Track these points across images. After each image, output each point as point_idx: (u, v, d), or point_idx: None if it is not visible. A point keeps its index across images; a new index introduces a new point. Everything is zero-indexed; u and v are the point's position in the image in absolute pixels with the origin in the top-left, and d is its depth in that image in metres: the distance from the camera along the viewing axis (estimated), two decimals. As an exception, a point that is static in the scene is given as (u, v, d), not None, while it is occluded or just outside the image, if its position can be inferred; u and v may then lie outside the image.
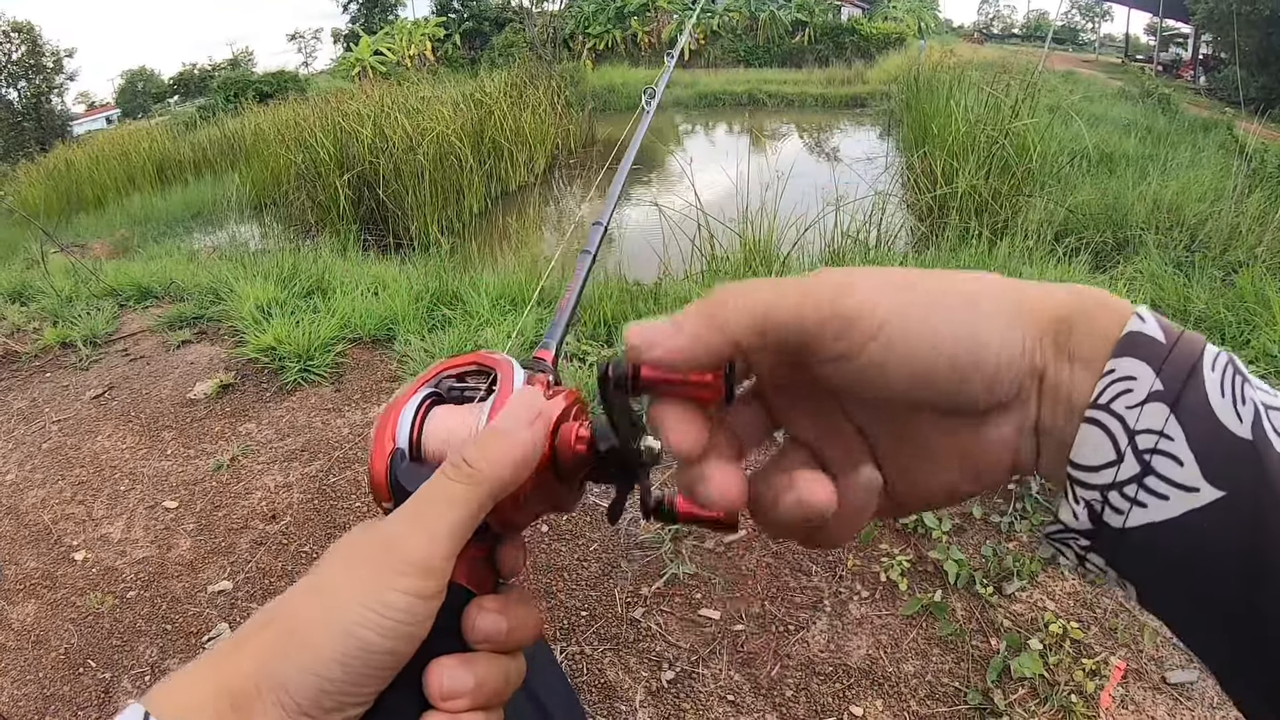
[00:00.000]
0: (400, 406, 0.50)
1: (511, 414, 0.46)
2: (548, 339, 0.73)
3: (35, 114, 35.42)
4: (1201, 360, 0.34)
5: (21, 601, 2.91)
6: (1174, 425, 0.33)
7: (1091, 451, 0.35)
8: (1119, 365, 0.35)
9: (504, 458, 0.43)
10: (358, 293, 5.15)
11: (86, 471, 3.69)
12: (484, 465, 0.43)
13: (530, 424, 0.45)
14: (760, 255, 5.26)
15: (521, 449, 0.44)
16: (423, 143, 9.81)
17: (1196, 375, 0.34)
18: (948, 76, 10.60)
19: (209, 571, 2.95)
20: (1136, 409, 0.34)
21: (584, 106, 16.61)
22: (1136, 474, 0.34)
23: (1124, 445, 0.34)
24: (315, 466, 3.49)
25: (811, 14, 33.89)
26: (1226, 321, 3.76)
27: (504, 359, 0.53)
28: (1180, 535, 0.33)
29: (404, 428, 0.49)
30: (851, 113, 19.53)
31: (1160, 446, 0.33)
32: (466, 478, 0.42)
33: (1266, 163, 7.41)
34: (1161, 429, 0.33)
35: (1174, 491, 0.33)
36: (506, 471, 0.43)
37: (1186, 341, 0.35)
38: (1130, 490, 0.34)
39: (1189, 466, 0.33)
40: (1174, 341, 0.35)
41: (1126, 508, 0.34)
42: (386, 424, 0.49)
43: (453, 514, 0.42)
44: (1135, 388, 0.34)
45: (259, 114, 17.44)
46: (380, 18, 42.86)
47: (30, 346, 5.11)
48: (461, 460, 0.43)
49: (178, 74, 49.22)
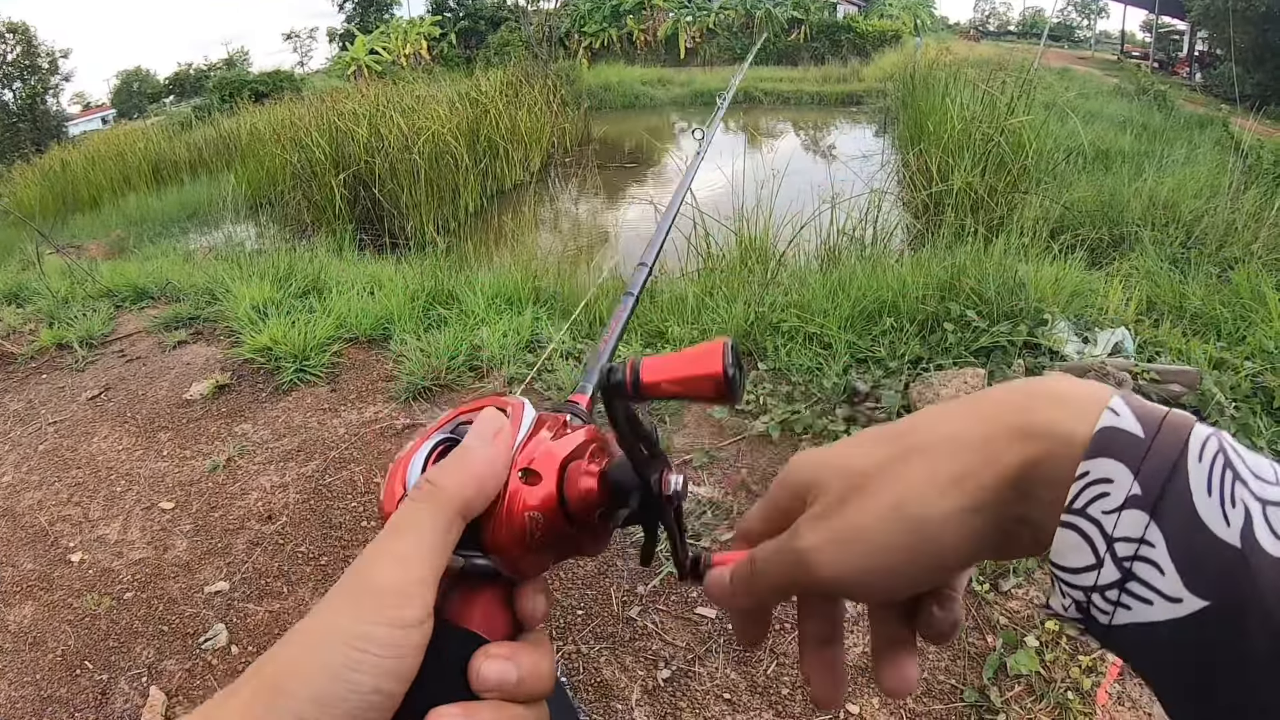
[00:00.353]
0: (413, 453, 0.49)
1: (474, 432, 0.46)
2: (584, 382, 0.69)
3: (30, 115, 35.37)
4: (1186, 454, 0.32)
5: (18, 603, 2.90)
6: (1154, 531, 0.32)
7: (1071, 554, 0.34)
8: (1093, 467, 0.34)
9: (464, 475, 0.43)
10: (353, 292, 5.15)
11: (83, 473, 3.68)
12: (446, 484, 0.42)
13: (490, 440, 0.45)
14: (756, 253, 5.26)
15: (481, 463, 0.44)
16: (418, 142, 9.79)
17: (1179, 474, 0.32)
18: (943, 74, 10.59)
19: (205, 572, 2.95)
20: (1114, 514, 0.33)
21: (580, 105, 16.59)
22: (1117, 580, 0.33)
23: (1103, 551, 0.33)
24: (311, 466, 3.49)
25: (807, 12, 33.88)
26: (1222, 318, 3.77)
27: (517, 401, 0.51)
28: (1166, 636, 0.32)
29: (415, 473, 0.47)
30: (847, 110, 19.51)
31: (1141, 553, 0.32)
32: (428, 497, 0.42)
33: (1262, 159, 7.41)
34: (1141, 536, 0.32)
35: (1156, 598, 0.32)
36: (469, 489, 0.42)
37: (1170, 432, 0.33)
38: (1112, 595, 0.33)
39: (1170, 576, 0.32)
40: (1153, 435, 0.33)
41: (1110, 610, 0.34)
42: (398, 471, 0.48)
43: (419, 536, 0.41)
44: (1112, 491, 0.33)
45: (254, 114, 17.40)
46: (376, 17, 42.81)
47: (26, 348, 5.10)
48: (424, 481, 0.43)
49: (173, 74, 49.17)
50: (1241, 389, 3.14)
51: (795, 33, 33.52)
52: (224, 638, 2.63)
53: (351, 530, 3.07)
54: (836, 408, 3.39)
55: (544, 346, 4.26)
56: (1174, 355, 3.49)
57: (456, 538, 0.42)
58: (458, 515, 0.42)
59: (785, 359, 3.80)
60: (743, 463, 3.22)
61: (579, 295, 4.79)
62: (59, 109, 39.27)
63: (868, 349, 3.75)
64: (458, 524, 0.42)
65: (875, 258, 4.97)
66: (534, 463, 0.46)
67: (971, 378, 3.26)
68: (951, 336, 3.59)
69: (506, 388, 3.87)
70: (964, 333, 3.62)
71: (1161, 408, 0.35)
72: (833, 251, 5.40)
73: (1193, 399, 3.10)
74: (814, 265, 5.15)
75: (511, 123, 12.34)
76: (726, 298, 4.39)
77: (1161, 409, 0.35)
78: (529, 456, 0.47)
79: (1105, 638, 0.35)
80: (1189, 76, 22.66)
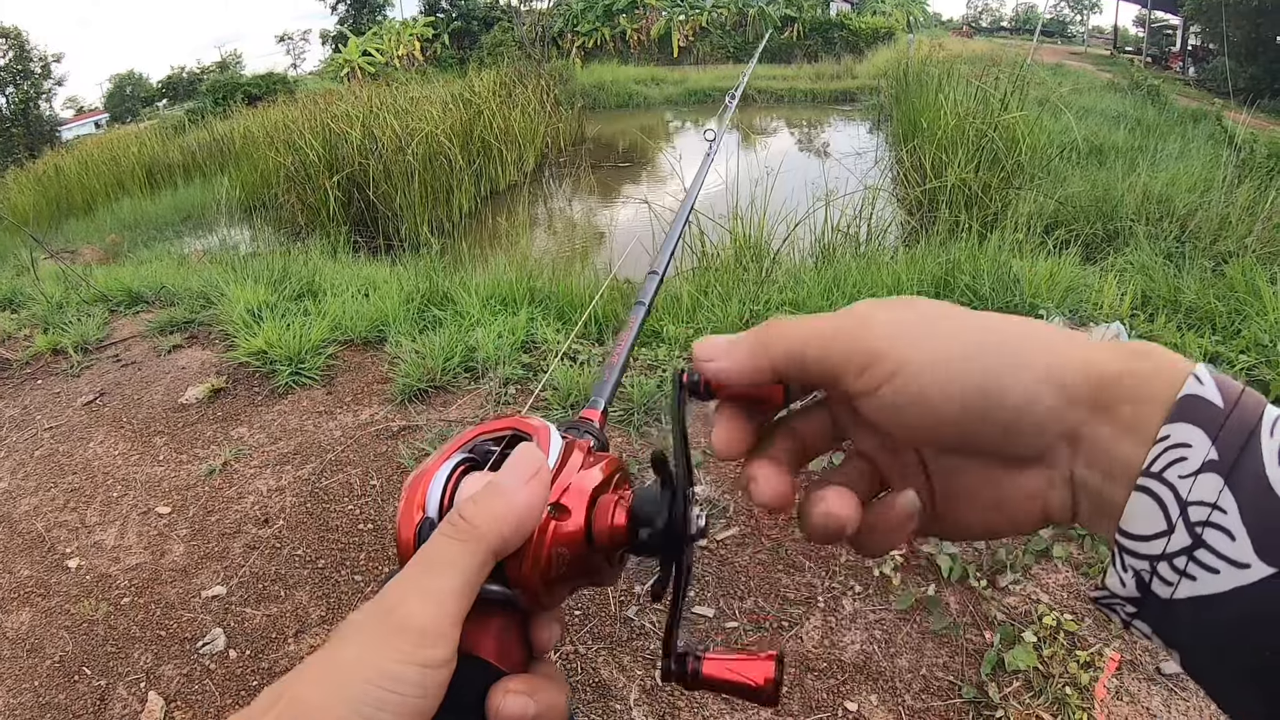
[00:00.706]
0: (431, 473, 0.47)
1: (511, 469, 0.44)
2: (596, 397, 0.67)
3: (24, 119, 35.27)
4: (1260, 426, 0.33)
5: (15, 610, 2.90)
6: (1227, 497, 0.32)
7: (1142, 521, 0.34)
8: (1173, 431, 0.33)
9: (502, 514, 0.41)
10: (348, 295, 5.15)
11: (79, 478, 3.68)
12: (481, 522, 0.41)
13: (529, 480, 0.43)
14: (751, 251, 5.26)
15: (521, 505, 0.42)
16: (412, 143, 9.79)
17: (1254, 444, 0.32)
18: (936, 70, 10.60)
19: (203, 577, 2.94)
20: (1190, 479, 0.33)
21: (574, 105, 16.59)
22: (1187, 546, 0.33)
23: (1175, 516, 0.33)
24: (308, 470, 3.49)
25: (800, 9, 33.90)
26: (1217, 312, 3.78)
27: (541, 424, 0.50)
28: (1228, 609, 0.32)
29: (434, 495, 0.46)
30: (841, 108, 19.54)
31: (1213, 519, 0.32)
32: (465, 535, 0.40)
33: (1256, 153, 7.42)
34: (1215, 501, 0.32)
35: (1224, 566, 0.32)
36: (506, 528, 0.41)
37: (1245, 404, 0.33)
38: (1180, 563, 0.33)
39: (1241, 541, 0.31)
40: (1232, 405, 0.33)
41: (1175, 579, 0.33)
42: (416, 491, 0.47)
43: (453, 575, 0.39)
44: (1190, 455, 0.33)
45: (248, 116, 17.41)
46: (369, 18, 42.74)
47: (21, 354, 5.09)
48: (459, 518, 0.41)
49: (166, 77, 49.09)
50: (1237, 383, 3.14)
51: (788, 30, 33.54)
52: (222, 642, 2.63)
53: (348, 533, 3.07)
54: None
55: (539, 347, 4.26)
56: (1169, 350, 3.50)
57: (486, 575, 0.41)
58: (492, 554, 0.41)
59: (781, 357, 3.79)
60: (739, 463, 3.21)
61: (574, 295, 4.79)
62: (52, 113, 39.15)
63: (863, 346, 3.75)
64: (490, 563, 0.41)
65: (870, 255, 4.98)
66: (565, 496, 0.46)
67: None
68: (946, 333, 3.59)
69: (503, 388, 3.87)
70: (959, 329, 3.61)
71: (1238, 384, 0.35)
72: (827, 249, 5.41)
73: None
74: (809, 263, 5.16)
75: (505, 123, 12.34)
76: (721, 296, 4.39)
77: (1238, 385, 0.35)
78: (559, 490, 0.46)
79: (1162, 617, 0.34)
80: (1182, 71, 22.72)
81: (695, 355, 0.44)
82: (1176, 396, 0.34)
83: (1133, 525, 0.34)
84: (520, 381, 3.95)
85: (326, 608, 2.72)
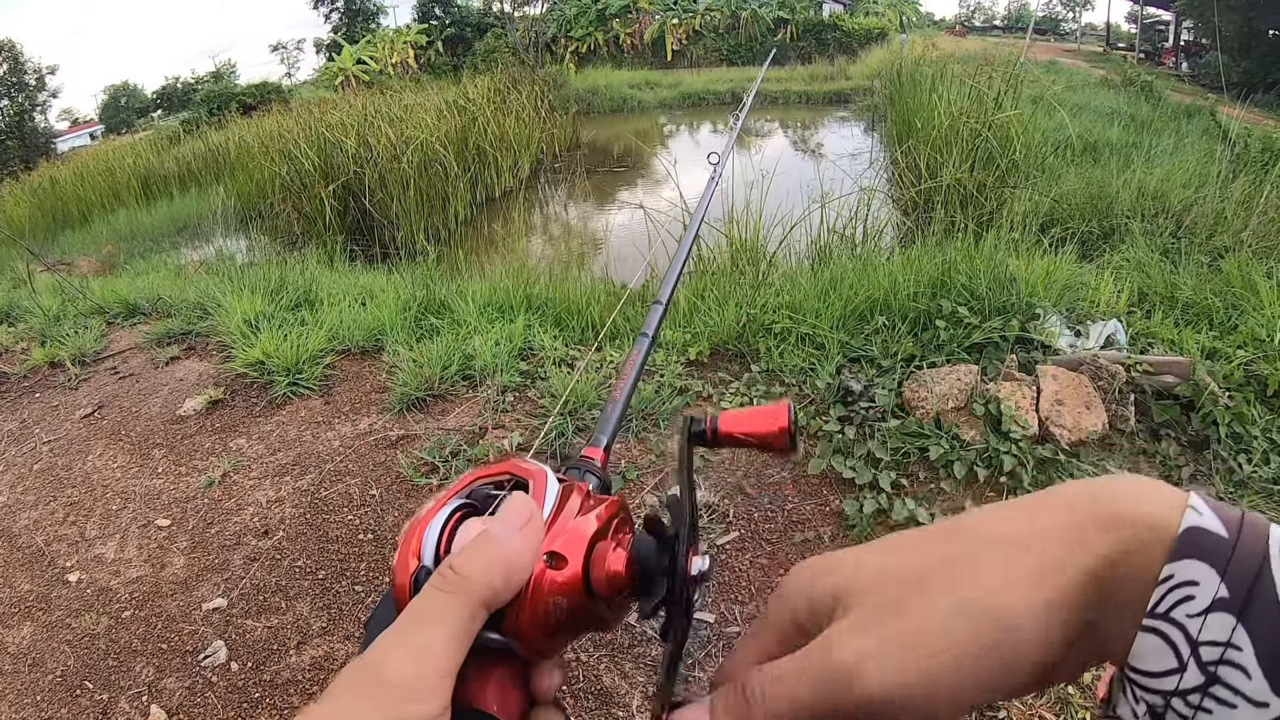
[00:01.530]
0: (427, 521, 0.47)
1: (502, 519, 0.43)
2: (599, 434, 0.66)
3: (18, 132, 35.28)
4: (1269, 554, 0.32)
5: (16, 625, 2.89)
6: (1241, 635, 0.31)
7: (1152, 659, 0.33)
8: (1177, 570, 0.33)
9: (493, 565, 0.41)
10: (345, 304, 5.15)
11: (78, 492, 3.67)
12: (472, 573, 0.40)
13: (521, 529, 0.43)
14: (747, 255, 5.26)
15: (512, 556, 0.42)
16: (407, 151, 9.81)
17: (1265, 575, 0.31)
18: (930, 70, 10.62)
19: (203, 589, 2.94)
20: (1199, 618, 0.32)
21: (568, 110, 16.62)
22: (1201, 684, 0.32)
23: (1186, 655, 0.32)
24: (307, 480, 3.48)
25: (793, 11, 33.96)
26: (1214, 307, 3.78)
27: (538, 469, 0.49)
28: None
29: (429, 543, 0.45)
30: (835, 109, 19.56)
31: (1227, 657, 0.31)
32: (455, 587, 0.40)
33: (1250, 147, 7.43)
34: (1228, 640, 0.31)
35: (1241, 702, 0.31)
36: (497, 580, 0.41)
37: (1251, 531, 0.33)
38: (1194, 699, 0.32)
39: (1257, 680, 0.31)
40: (1237, 534, 0.33)
41: (1190, 714, 0.32)
42: (412, 537, 0.46)
43: (442, 628, 0.39)
44: (1197, 594, 0.32)
45: (243, 126, 17.45)
46: (362, 26, 42.78)
47: (19, 367, 5.09)
48: (449, 569, 0.41)
49: (161, 88, 49.17)
50: (1235, 378, 3.15)
51: (781, 32, 33.59)
52: (223, 654, 2.63)
53: (348, 543, 3.07)
54: (830, 408, 3.39)
55: (537, 354, 4.25)
56: (1166, 346, 3.50)
57: (479, 627, 0.40)
58: (482, 607, 0.40)
59: (778, 360, 3.80)
60: (736, 465, 3.22)
61: (571, 301, 4.79)
62: (47, 125, 39.19)
63: (860, 348, 3.76)
64: (482, 615, 0.40)
65: (866, 256, 4.98)
66: (560, 544, 0.45)
67: (965, 374, 3.26)
68: (944, 333, 3.60)
69: (501, 395, 3.86)
70: (956, 329, 3.62)
71: (1236, 509, 0.34)
72: (823, 251, 5.41)
73: (1186, 389, 3.11)
74: (805, 265, 5.16)
75: (500, 129, 12.37)
76: (718, 300, 4.39)
77: (1237, 510, 0.34)
78: (555, 537, 0.45)
79: None
80: (1175, 66, 22.78)
81: None
82: (1176, 532, 0.33)
83: (1142, 663, 0.34)
84: (518, 389, 3.95)
85: (328, 618, 2.72)
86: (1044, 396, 3.14)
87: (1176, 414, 3.10)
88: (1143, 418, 3.14)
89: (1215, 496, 2.72)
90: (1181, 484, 2.82)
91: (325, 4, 44.63)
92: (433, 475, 3.36)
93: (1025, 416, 3.06)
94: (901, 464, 3.06)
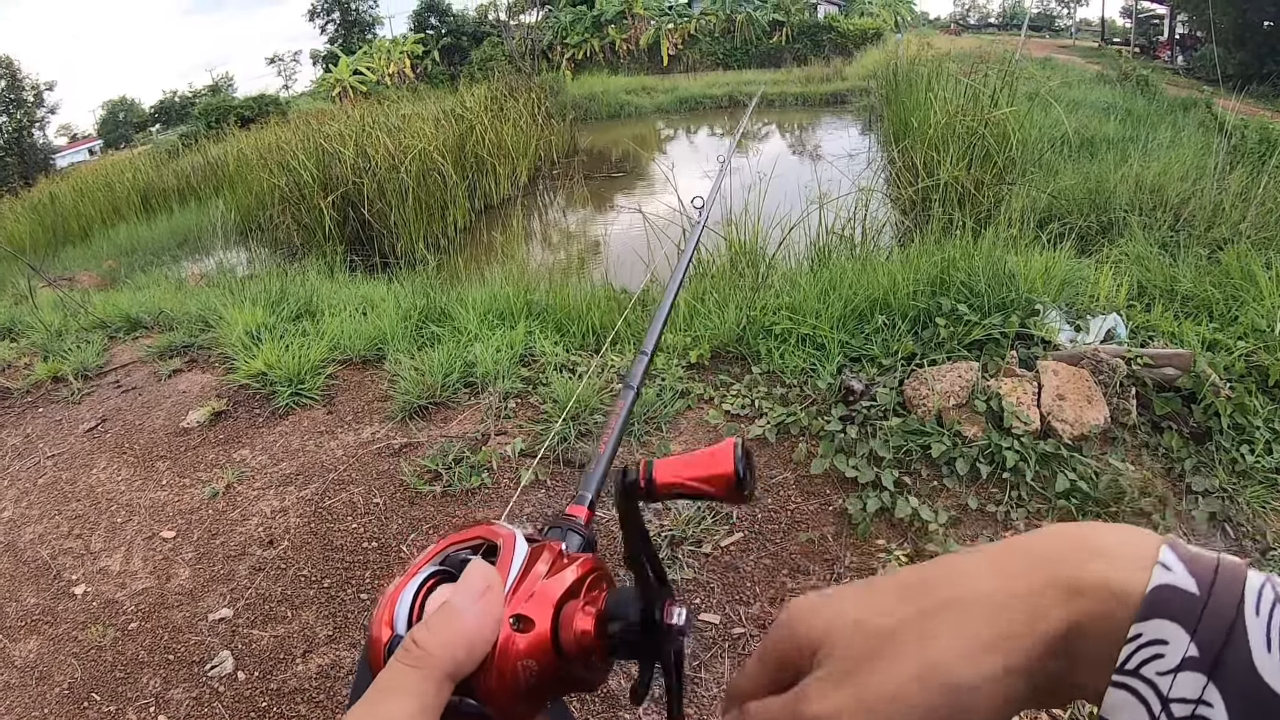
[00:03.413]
0: (401, 588, 0.47)
1: (461, 588, 0.44)
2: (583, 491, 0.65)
3: (17, 148, 35.38)
4: (1243, 609, 0.32)
5: (23, 638, 2.90)
6: (1213, 692, 0.31)
7: (1122, 713, 0.33)
8: (1146, 629, 0.33)
9: (452, 637, 0.41)
10: (346, 314, 5.16)
11: (83, 505, 3.68)
12: (433, 647, 0.41)
13: (480, 598, 0.43)
14: (746, 257, 5.27)
15: (471, 626, 0.42)
16: (405, 160, 9.81)
17: (1237, 632, 0.31)
18: (926, 69, 10.62)
19: (209, 600, 2.94)
20: (1169, 675, 0.32)
21: (565, 116, 16.63)
22: None
23: (1158, 710, 0.32)
24: (311, 490, 3.49)
25: (788, 13, 34.00)
26: (1214, 299, 3.78)
27: (507, 532, 0.49)
28: None
29: (402, 612, 0.46)
30: (832, 110, 19.56)
31: (1199, 713, 0.31)
32: (417, 661, 0.40)
33: (1246, 139, 7.43)
34: (1199, 697, 0.31)
35: None
36: (459, 652, 0.41)
37: (1224, 585, 0.32)
38: None
39: None
40: (1208, 590, 0.32)
41: None
42: (387, 606, 0.46)
43: (408, 702, 0.39)
44: (1167, 653, 0.32)
45: (241, 138, 17.45)
46: (358, 37, 42.89)
47: (22, 382, 5.10)
48: (411, 643, 0.41)
49: (158, 102, 49.27)
50: (1236, 369, 3.15)
51: (777, 35, 33.63)
52: (230, 664, 2.63)
53: (353, 552, 3.07)
54: (832, 408, 3.40)
55: (537, 360, 4.26)
56: (1167, 339, 3.50)
57: (446, 698, 0.41)
58: (446, 678, 0.41)
59: (779, 361, 3.81)
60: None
61: (571, 307, 4.79)
62: (45, 141, 39.35)
63: (861, 347, 3.76)
64: (447, 686, 0.41)
65: (865, 256, 4.98)
66: (527, 607, 0.45)
67: (966, 371, 3.27)
68: (944, 331, 3.60)
69: (503, 402, 3.87)
70: (956, 327, 3.63)
71: (1211, 555, 0.34)
72: (822, 252, 5.41)
73: (1187, 381, 3.11)
74: (804, 266, 5.16)
75: (497, 137, 12.37)
76: (718, 303, 4.39)
77: (1212, 556, 0.34)
78: (521, 599, 0.45)
79: None
80: (1171, 60, 22.78)
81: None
82: (1143, 593, 0.33)
83: (1114, 716, 0.34)
84: (520, 395, 3.96)
85: (333, 627, 2.73)
86: (1045, 392, 3.14)
87: (1178, 406, 3.10)
88: (1144, 411, 3.14)
89: (1219, 488, 2.73)
90: (1185, 476, 2.84)
91: (321, 15, 44.80)
92: (436, 483, 3.36)
93: (1027, 412, 3.06)
94: (904, 462, 3.06)
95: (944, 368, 3.36)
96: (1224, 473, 2.87)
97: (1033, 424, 3.05)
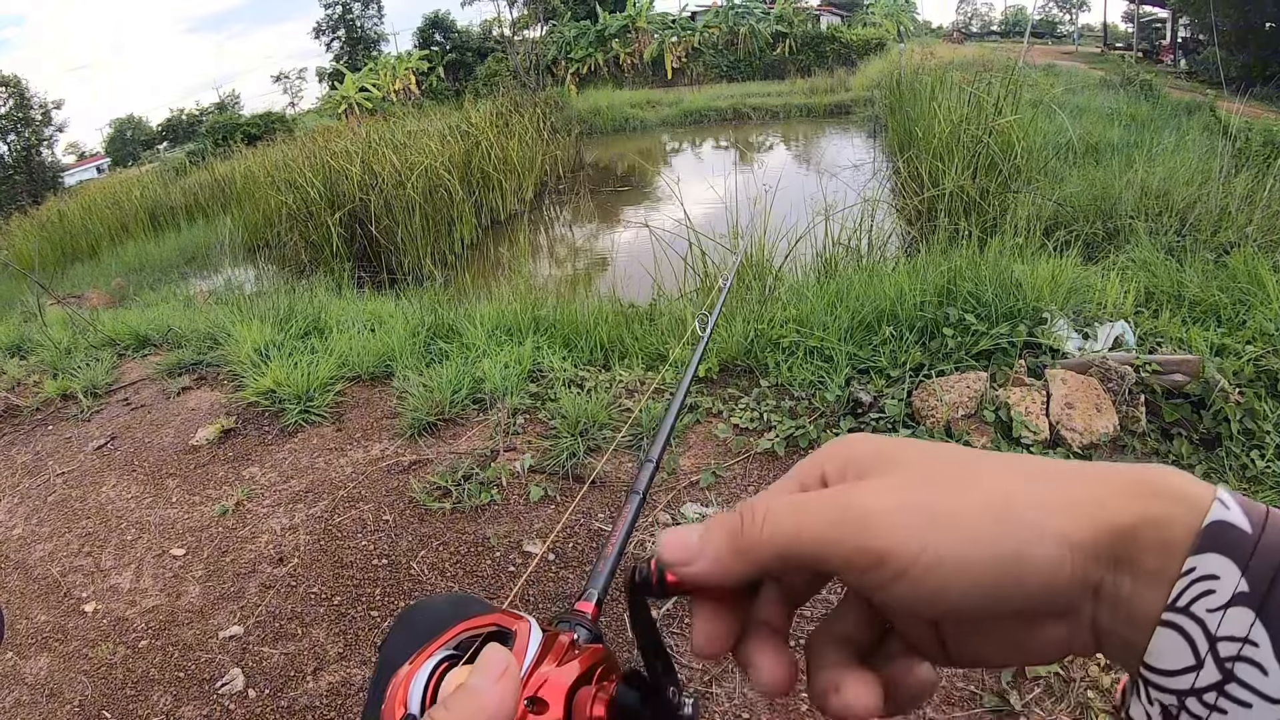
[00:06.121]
0: (415, 671, 0.48)
1: (479, 670, 0.44)
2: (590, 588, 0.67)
3: (26, 167, 35.64)
4: None
5: (34, 655, 2.90)
6: (1259, 630, 0.30)
7: (1169, 656, 0.33)
8: (1200, 563, 0.32)
9: (473, 716, 0.41)
10: (354, 331, 5.18)
11: (93, 523, 3.69)
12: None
13: (498, 679, 0.43)
14: (753, 270, 5.27)
15: (491, 706, 0.42)
16: (411, 177, 9.85)
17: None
18: (929, 78, 10.63)
19: (219, 617, 2.94)
20: (1219, 612, 0.31)
21: (570, 131, 16.69)
22: (1217, 682, 0.31)
23: (1204, 651, 0.32)
24: (320, 507, 3.49)
25: (791, 25, 34.09)
26: (1221, 304, 3.77)
27: (525, 622, 0.50)
28: None
29: (415, 694, 0.47)
30: (836, 120, 19.61)
31: (1244, 653, 0.31)
32: None
33: (1251, 141, 7.42)
34: (1246, 635, 0.31)
35: (1257, 700, 0.30)
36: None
37: (1275, 527, 0.32)
38: (1210, 698, 0.31)
39: (1274, 676, 0.30)
40: (1260, 529, 0.32)
41: (1205, 714, 0.31)
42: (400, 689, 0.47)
43: None
44: (1218, 588, 0.31)
45: (248, 156, 17.54)
46: (364, 54, 43.14)
47: (31, 400, 5.12)
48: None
49: (165, 120, 49.62)
50: (1245, 373, 3.13)
51: (780, 46, 33.72)
52: (240, 682, 2.63)
53: (363, 569, 3.07)
54: (841, 420, 3.39)
55: (546, 375, 4.26)
56: (1175, 344, 3.49)
57: None
58: None
59: (787, 374, 3.80)
60: (749, 481, 3.22)
61: (578, 322, 4.80)
62: (54, 160, 39.64)
63: (869, 359, 3.75)
64: None
65: (871, 267, 4.98)
66: (543, 690, 0.46)
67: (974, 381, 3.26)
68: (951, 341, 3.60)
69: (511, 418, 3.87)
70: (964, 337, 3.62)
71: (1261, 505, 0.33)
72: (829, 263, 5.42)
73: (1196, 387, 3.10)
74: (811, 278, 5.16)
75: (503, 153, 12.41)
76: (726, 316, 4.39)
77: (1262, 506, 0.33)
78: (536, 683, 0.46)
79: None
80: (1174, 63, 22.76)
81: (663, 557, 0.40)
82: (1201, 524, 0.33)
83: (1159, 661, 0.33)
84: (529, 410, 3.96)
85: (344, 644, 2.72)
86: (1054, 400, 3.13)
87: (1187, 412, 3.09)
88: (1154, 417, 3.13)
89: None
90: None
91: (327, 33, 45.08)
92: (445, 499, 3.36)
93: (1036, 421, 3.06)
94: (913, 472, 3.05)
95: (952, 378, 3.35)
96: (1234, 478, 2.85)
97: (1042, 433, 3.04)
